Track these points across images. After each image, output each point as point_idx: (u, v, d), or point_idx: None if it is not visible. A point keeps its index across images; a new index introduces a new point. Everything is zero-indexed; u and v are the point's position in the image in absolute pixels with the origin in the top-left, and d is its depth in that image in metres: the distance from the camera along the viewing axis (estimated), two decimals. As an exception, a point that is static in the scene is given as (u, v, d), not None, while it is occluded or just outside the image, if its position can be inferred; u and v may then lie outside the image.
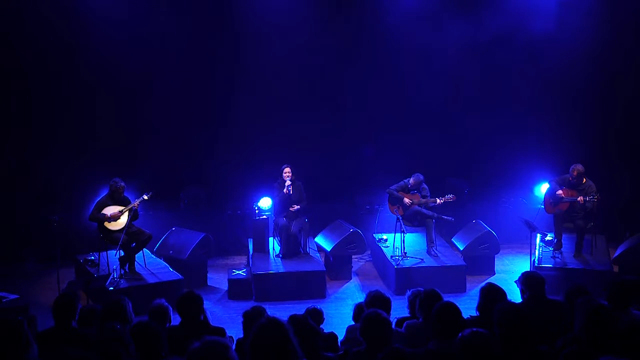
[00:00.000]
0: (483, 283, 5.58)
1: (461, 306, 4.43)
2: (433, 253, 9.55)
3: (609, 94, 11.65)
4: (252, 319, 4.61)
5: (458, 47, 11.35)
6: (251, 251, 9.98)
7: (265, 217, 10.13)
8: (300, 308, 6.24)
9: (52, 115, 10.83)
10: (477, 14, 11.09)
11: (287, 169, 9.72)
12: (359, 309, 5.62)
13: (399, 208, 9.83)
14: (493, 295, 4.94)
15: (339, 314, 8.19)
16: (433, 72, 11.39)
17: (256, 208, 10.19)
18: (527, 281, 5.32)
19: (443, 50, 11.39)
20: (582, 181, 9.07)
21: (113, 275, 8.54)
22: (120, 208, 8.70)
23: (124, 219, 8.66)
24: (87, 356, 3.66)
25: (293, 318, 4.13)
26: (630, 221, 10.53)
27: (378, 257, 10.21)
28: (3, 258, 10.05)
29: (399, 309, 5.99)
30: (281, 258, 9.57)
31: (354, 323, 5.58)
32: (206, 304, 5.25)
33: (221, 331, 4.98)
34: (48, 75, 10.69)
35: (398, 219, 9.35)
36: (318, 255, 9.89)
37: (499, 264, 10.15)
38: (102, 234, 8.72)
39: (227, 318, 8.17)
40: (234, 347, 4.70)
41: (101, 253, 9.04)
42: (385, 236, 10.28)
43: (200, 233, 9.72)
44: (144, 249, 9.15)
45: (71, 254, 9.65)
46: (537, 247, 9.52)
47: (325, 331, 5.34)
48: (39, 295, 8.95)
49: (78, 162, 10.33)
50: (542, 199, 9.60)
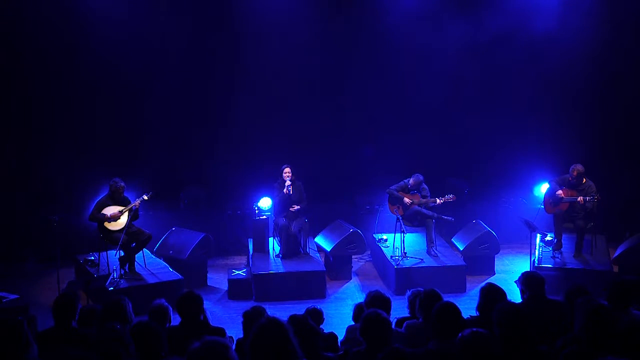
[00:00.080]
0: (483, 283, 5.58)
1: (461, 306, 4.43)
2: (433, 253, 9.54)
3: (609, 94, 11.65)
4: (252, 319, 4.61)
5: (458, 47, 11.35)
6: (251, 251, 9.98)
7: (265, 217, 10.14)
8: (300, 308, 6.24)
9: (52, 115, 10.84)
10: (477, 14, 11.09)
11: (287, 169, 9.72)
12: (359, 309, 5.62)
13: (399, 208, 9.83)
14: (493, 295, 4.94)
15: (339, 314, 8.19)
16: (433, 72, 11.39)
17: (256, 208, 10.20)
18: (527, 281, 5.32)
19: (443, 50, 11.39)
20: (582, 181, 9.07)
21: (113, 275, 8.54)
22: (120, 208, 8.70)
23: (124, 219, 8.66)
24: (87, 356, 3.66)
25: (293, 318, 4.13)
26: (630, 221, 10.53)
27: (378, 257, 10.21)
28: (3, 258, 10.06)
29: (399, 309, 5.99)
30: (281, 258, 9.57)
31: (354, 323, 5.57)
32: (206, 304, 5.25)
33: (221, 331, 4.98)
34: (48, 75, 10.70)
35: (398, 219, 9.35)
36: (318, 255, 9.89)
37: (499, 264, 10.15)
38: (102, 234, 8.71)
39: (227, 318, 8.17)
40: (234, 347, 4.70)
41: (101, 253, 9.04)
42: (385, 236, 10.28)
43: (200, 233, 9.72)
44: (144, 249, 9.15)
45: (71, 254, 9.66)
46: (537, 247, 9.52)
47: (325, 331, 5.34)
48: (39, 295, 8.95)
49: (78, 162, 10.33)
50: (542, 199, 9.60)
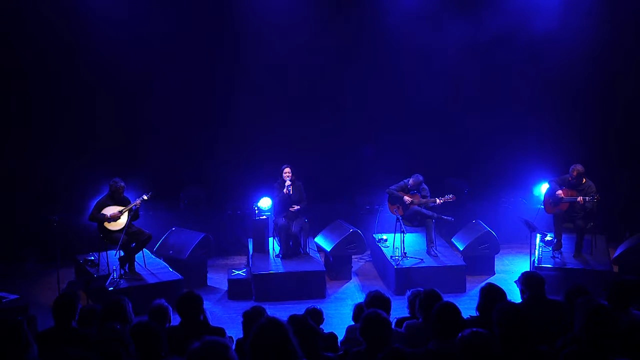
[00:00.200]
0: (483, 283, 5.58)
1: (461, 306, 4.43)
2: (433, 253, 9.54)
3: (609, 94, 11.65)
4: (252, 319, 4.61)
5: (458, 47, 11.35)
6: (251, 251, 9.98)
7: (265, 217, 10.14)
8: (300, 308, 6.24)
9: (52, 115, 10.84)
10: (477, 14, 11.09)
11: (287, 169, 9.72)
12: (359, 309, 5.62)
13: (399, 208, 9.82)
14: (493, 295, 4.94)
15: (339, 314, 8.19)
16: (433, 72, 11.39)
17: (256, 208, 10.20)
18: (527, 281, 5.32)
19: (443, 50, 11.39)
20: (582, 181, 9.06)
21: (113, 275, 8.54)
22: (120, 208, 8.70)
23: (124, 219, 8.66)
24: (87, 356, 3.66)
25: (293, 318, 4.13)
26: (630, 221, 10.53)
27: (378, 257, 10.21)
28: (3, 258, 10.05)
29: (399, 309, 5.99)
30: (281, 258, 9.57)
31: (354, 323, 5.57)
32: (206, 304, 5.25)
33: (221, 331, 4.98)
34: (48, 75, 10.70)
35: (398, 219, 9.35)
36: (318, 255, 9.88)
37: (499, 264, 10.15)
38: (102, 234, 8.71)
39: (227, 318, 8.16)
40: (234, 347, 4.70)
41: (101, 253, 9.04)
42: (385, 236, 10.28)
43: (200, 233, 9.72)
44: (144, 249, 9.15)
45: (71, 254, 9.65)
46: (537, 247, 9.52)
47: (325, 331, 5.34)
48: (39, 295, 8.95)
49: (78, 162, 10.33)
50: (542, 199, 9.60)
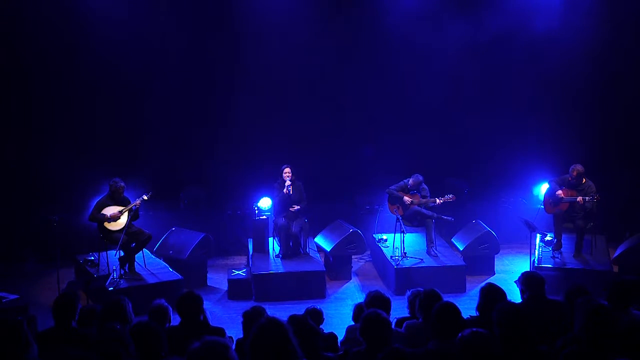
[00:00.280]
0: (483, 283, 5.58)
1: (461, 306, 4.43)
2: (433, 253, 9.54)
3: (609, 94, 11.65)
4: (252, 319, 4.61)
5: (458, 47, 11.35)
6: (251, 251, 9.98)
7: (265, 217, 10.14)
8: (300, 308, 6.24)
9: (52, 115, 10.84)
10: (477, 14, 11.09)
11: (287, 169, 9.72)
12: (359, 309, 5.61)
13: (399, 208, 9.82)
14: (493, 295, 4.94)
15: (339, 314, 8.19)
16: (433, 72, 11.39)
17: (256, 208, 10.20)
18: (527, 281, 5.31)
19: (443, 50, 11.39)
20: (582, 181, 9.06)
21: (113, 275, 8.54)
22: (120, 208, 8.70)
23: (124, 219, 8.66)
24: (87, 356, 3.66)
25: (293, 318, 4.13)
26: (630, 221, 10.53)
27: (378, 257, 10.20)
28: (3, 258, 10.06)
29: (399, 309, 5.99)
30: (281, 258, 9.57)
31: (354, 323, 5.57)
32: (206, 304, 5.24)
33: (221, 331, 4.98)
34: (48, 75, 10.70)
35: (398, 219, 9.35)
36: (318, 255, 9.89)
37: (499, 264, 10.15)
38: (102, 234, 8.71)
39: (227, 318, 8.16)
40: (234, 347, 4.70)
41: (101, 253, 9.04)
42: (385, 236, 10.28)
43: (200, 233, 9.72)
44: (144, 249, 9.15)
45: (71, 254, 9.65)
46: (537, 247, 9.52)
47: (325, 331, 5.34)
48: (39, 295, 8.95)
49: (78, 162, 10.32)
50: (542, 199, 9.60)
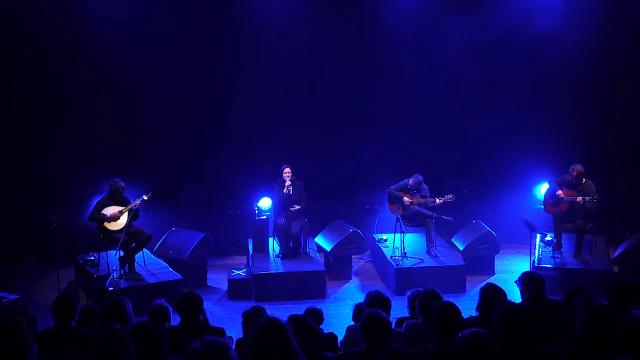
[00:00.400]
0: (483, 283, 5.58)
1: (461, 306, 4.43)
2: (433, 253, 9.54)
3: (609, 94, 11.65)
4: (252, 319, 4.61)
5: (458, 47, 11.35)
6: (251, 251, 9.98)
7: (265, 217, 10.14)
8: (300, 308, 6.24)
9: (52, 115, 10.84)
10: (476, 15, 11.08)
11: (287, 169, 9.72)
12: (359, 309, 5.62)
13: (399, 208, 9.82)
14: (493, 295, 4.94)
15: (339, 314, 8.19)
16: (433, 72, 11.39)
17: (256, 208, 10.20)
18: (527, 281, 5.32)
19: (443, 50, 11.40)
20: (582, 181, 9.06)
21: (113, 275, 8.54)
22: (120, 208, 8.70)
23: (124, 219, 8.66)
24: (87, 356, 3.66)
25: (293, 318, 4.13)
26: (630, 221, 10.53)
27: (378, 257, 10.20)
28: (3, 258, 10.05)
29: (399, 309, 5.99)
30: (281, 258, 9.57)
31: (354, 323, 5.57)
32: (206, 304, 5.25)
33: (221, 331, 4.98)
34: (48, 75, 10.70)
35: (398, 219, 9.35)
36: (318, 255, 9.88)
37: (499, 264, 10.15)
38: (102, 234, 8.71)
39: (227, 318, 8.16)
40: (234, 347, 4.70)
41: (101, 253, 9.04)
42: (385, 236, 10.28)
43: (200, 233, 9.72)
44: (144, 249, 9.15)
45: (71, 254, 9.65)
46: (537, 247, 9.52)
47: (325, 331, 5.34)
48: (39, 295, 8.95)
49: (78, 162, 10.32)
50: (542, 199, 9.60)
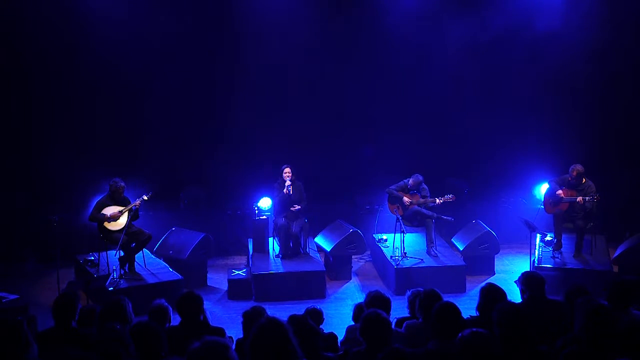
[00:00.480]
0: (483, 283, 5.58)
1: (461, 306, 4.43)
2: (433, 253, 9.54)
3: (609, 94, 11.65)
4: (252, 319, 4.61)
5: (457, 48, 11.35)
6: (251, 251, 9.98)
7: (265, 217, 10.14)
8: (300, 308, 6.24)
9: (52, 115, 10.84)
10: (476, 15, 11.07)
11: (287, 169, 9.72)
12: (359, 309, 5.62)
13: (399, 208, 9.82)
14: (493, 295, 4.94)
15: (339, 314, 8.19)
16: (433, 72, 11.39)
17: (256, 208, 10.20)
18: (527, 281, 5.32)
19: (443, 50, 11.40)
20: (582, 181, 9.06)
21: (113, 275, 8.54)
22: (120, 208, 8.70)
23: (124, 219, 8.66)
24: (87, 356, 3.66)
25: (293, 318, 4.13)
26: (630, 221, 10.53)
27: (378, 257, 10.20)
28: (3, 258, 10.05)
29: (399, 309, 5.99)
30: (281, 258, 9.57)
31: (354, 323, 5.58)
32: (206, 304, 5.24)
33: (221, 331, 4.98)
34: (48, 75, 10.70)
35: (398, 219, 9.35)
36: (318, 255, 9.88)
37: (499, 264, 10.15)
38: (102, 234, 8.71)
39: (227, 318, 8.16)
40: (234, 347, 4.70)
41: (101, 253, 9.04)
42: (385, 236, 10.28)
43: (200, 233, 9.72)
44: (144, 249, 9.15)
45: (71, 254, 9.64)
46: (537, 247, 9.52)
47: (325, 331, 5.34)
48: (39, 295, 8.94)
49: (78, 162, 10.31)
50: (542, 199, 9.60)
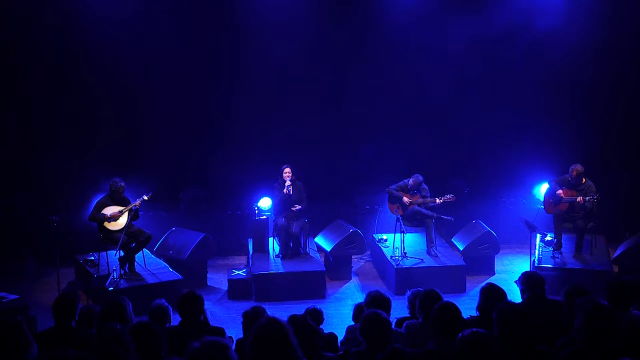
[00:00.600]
0: (483, 283, 5.58)
1: (461, 306, 4.43)
2: (433, 253, 9.54)
3: (610, 94, 11.64)
4: (252, 319, 4.61)
5: (457, 48, 11.32)
6: (251, 251, 9.98)
7: (265, 217, 10.14)
8: (300, 308, 6.25)
9: (52, 115, 10.83)
10: (477, 15, 11.05)
11: (287, 169, 9.72)
12: (359, 309, 5.62)
13: (399, 208, 9.82)
14: (493, 295, 4.95)
15: (339, 314, 8.19)
16: (433, 72, 11.37)
17: (256, 208, 10.20)
18: (527, 281, 5.32)
19: (443, 50, 11.38)
20: (582, 181, 9.06)
21: (113, 275, 8.54)
22: (120, 208, 8.70)
23: (124, 219, 8.66)
24: (87, 356, 3.66)
25: (293, 318, 4.13)
26: (630, 221, 10.52)
27: (378, 257, 10.20)
28: (3, 258, 10.04)
29: (399, 309, 5.99)
30: (281, 258, 9.57)
31: (354, 323, 5.58)
32: (206, 304, 5.24)
33: (221, 331, 4.98)
34: (48, 74, 10.70)
35: (398, 219, 9.34)
36: (318, 255, 9.88)
37: (499, 264, 10.15)
38: (102, 234, 8.71)
39: (227, 318, 8.17)
40: (234, 347, 4.70)
41: (101, 253, 9.03)
42: (385, 236, 10.28)
43: (200, 233, 9.72)
44: (144, 249, 9.15)
45: (71, 254, 9.63)
46: (537, 247, 9.52)
47: (325, 331, 5.34)
48: (39, 295, 8.94)
49: (78, 162, 10.31)
50: (542, 199, 9.60)
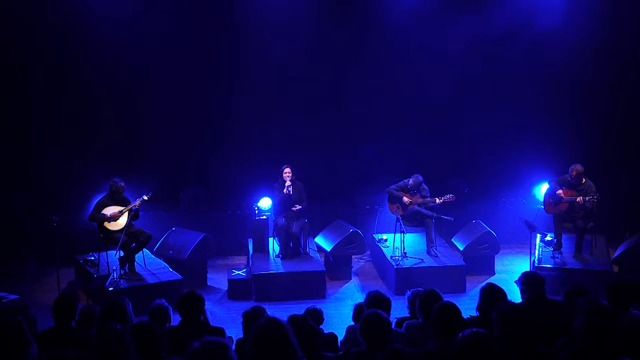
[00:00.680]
0: (483, 283, 5.58)
1: (461, 306, 4.43)
2: (433, 253, 9.54)
3: (610, 94, 11.64)
4: (252, 319, 4.61)
5: (457, 48, 11.32)
6: (251, 251, 9.98)
7: (265, 217, 10.14)
8: (300, 308, 6.24)
9: (52, 115, 10.83)
10: (477, 15, 11.05)
11: (287, 170, 9.72)
12: (359, 309, 5.62)
13: (399, 208, 9.82)
14: (493, 295, 4.95)
15: (339, 314, 8.19)
16: (433, 72, 11.36)
17: (256, 208, 10.20)
18: (527, 281, 5.32)
19: (443, 50, 11.38)
20: (582, 181, 9.07)
21: (113, 275, 8.54)
22: (120, 208, 8.70)
23: (124, 220, 8.66)
24: (87, 356, 3.66)
25: (293, 318, 4.13)
26: (630, 221, 10.52)
27: (378, 257, 10.20)
28: (3, 258, 10.04)
29: (399, 309, 5.99)
30: (281, 258, 9.57)
31: (354, 323, 5.58)
32: (206, 304, 5.24)
33: (221, 331, 4.98)
34: (48, 74, 10.69)
35: (398, 219, 9.35)
36: (318, 255, 9.88)
37: (499, 264, 10.15)
38: (102, 234, 8.71)
39: (227, 318, 8.17)
40: (234, 347, 4.70)
41: (101, 253, 9.03)
42: (385, 236, 10.28)
43: (200, 233, 9.72)
44: (144, 249, 9.15)
45: (71, 254, 9.63)
46: (537, 247, 9.52)
47: (325, 331, 5.34)
48: (39, 295, 8.94)
49: (78, 162, 10.31)
50: (542, 199, 9.60)
